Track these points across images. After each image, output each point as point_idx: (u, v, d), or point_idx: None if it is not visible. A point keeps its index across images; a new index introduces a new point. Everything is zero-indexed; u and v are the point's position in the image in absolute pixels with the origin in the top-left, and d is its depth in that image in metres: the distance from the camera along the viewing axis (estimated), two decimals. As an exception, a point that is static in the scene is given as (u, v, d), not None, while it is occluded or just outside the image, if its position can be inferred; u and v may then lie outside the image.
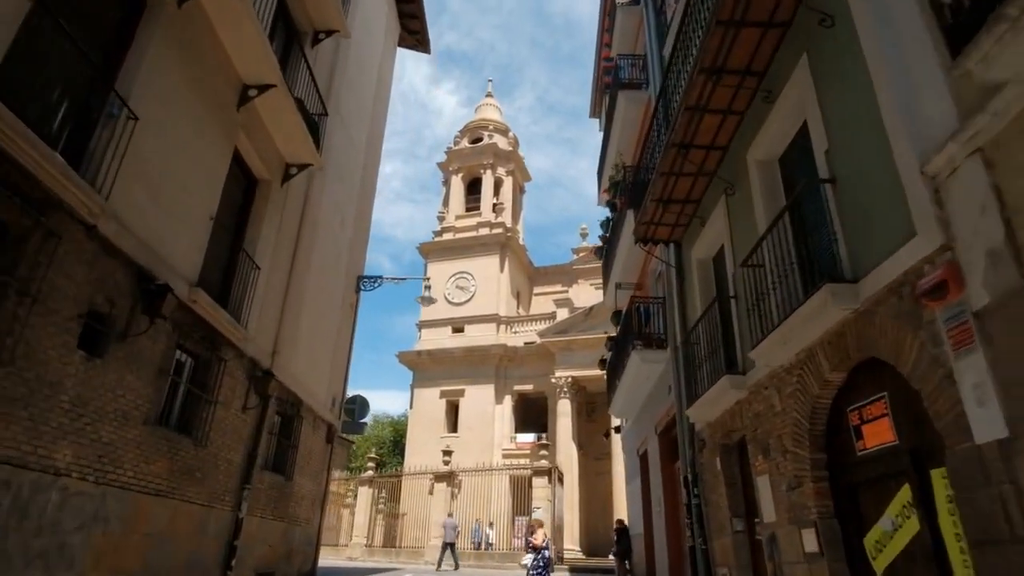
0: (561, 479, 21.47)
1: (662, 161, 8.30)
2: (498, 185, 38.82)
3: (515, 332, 35.75)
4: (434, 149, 39.80)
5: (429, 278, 14.31)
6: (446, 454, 22.98)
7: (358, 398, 13.73)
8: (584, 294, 36.96)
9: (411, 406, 36.34)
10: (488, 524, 23.24)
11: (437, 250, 37.82)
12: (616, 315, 11.71)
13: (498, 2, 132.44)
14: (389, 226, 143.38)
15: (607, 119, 14.37)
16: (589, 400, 35.61)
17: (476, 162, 38.73)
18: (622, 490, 30.89)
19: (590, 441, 34.49)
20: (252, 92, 8.65)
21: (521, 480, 22.51)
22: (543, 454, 21.08)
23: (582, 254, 39.21)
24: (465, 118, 39.22)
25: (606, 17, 17.56)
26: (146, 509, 6.93)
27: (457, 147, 39.60)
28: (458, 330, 36.24)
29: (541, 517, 19.60)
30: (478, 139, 39.71)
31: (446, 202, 39.32)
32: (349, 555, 23.39)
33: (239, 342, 8.82)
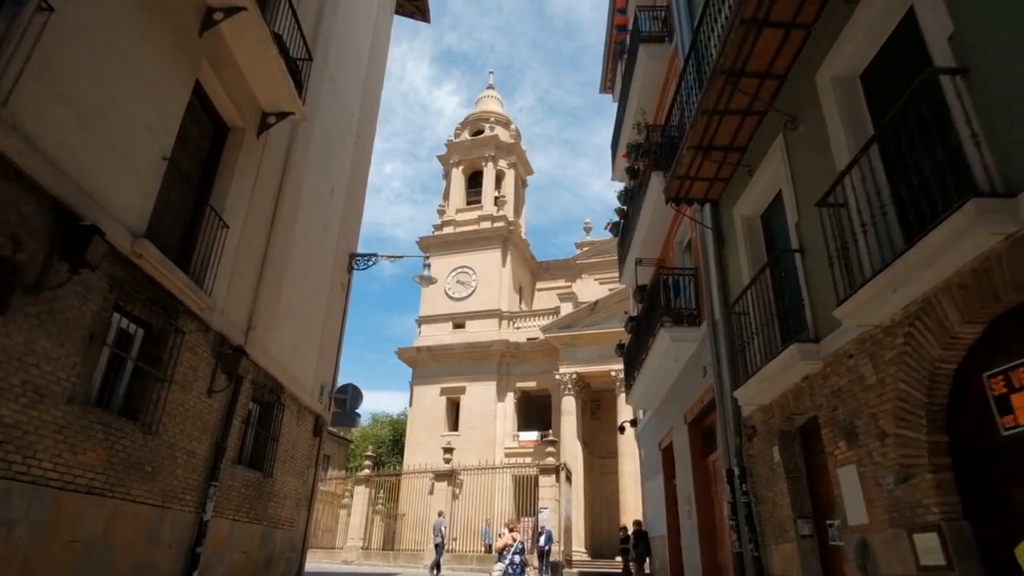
0: (569, 477, 19.94)
1: (705, 97, 6.84)
2: (500, 178, 37.36)
3: (517, 328, 34.27)
4: (435, 150, 38.79)
5: (429, 257, 12.76)
6: (447, 451, 21.46)
7: (350, 387, 12.23)
8: (588, 289, 35.48)
9: (410, 404, 34.81)
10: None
11: (437, 244, 36.33)
12: (640, 291, 10.21)
13: (499, 3, 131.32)
14: (390, 226, 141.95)
15: (625, 80, 12.90)
16: (594, 397, 34.12)
17: (477, 155, 37.28)
18: (630, 490, 29.42)
19: (595, 439, 33.00)
20: (218, 15, 7.17)
21: (526, 479, 20.98)
22: (550, 451, 19.56)
23: (586, 249, 37.75)
24: (466, 119, 37.68)
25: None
26: (71, 510, 5.42)
27: (458, 139, 38.15)
28: (459, 326, 34.74)
29: (548, 518, 18.08)
30: (479, 131, 38.27)
31: (446, 195, 37.87)
32: (344, 558, 21.85)
33: (202, 312, 7.32)
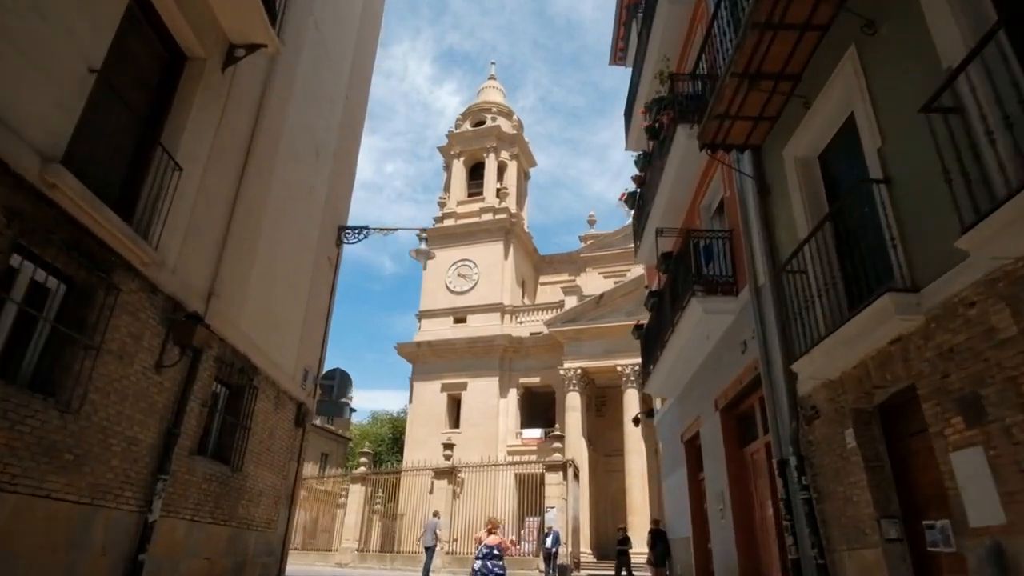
0: (577, 474, 18.55)
1: (757, 6, 5.49)
2: (501, 169, 35.99)
3: (520, 322, 32.87)
4: (436, 150, 37.54)
5: (425, 230, 11.43)
6: (447, 447, 20.06)
7: (337, 372, 10.85)
8: (593, 283, 34.07)
9: (410, 401, 33.42)
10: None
11: (438, 237, 34.81)
12: (664, 260, 8.84)
13: (500, 3, 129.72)
14: (391, 225, 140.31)
15: (642, 36, 11.52)
16: (599, 394, 32.71)
17: (479, 145, 35.91)
18: (636, 488, 27.95)
19: (600, 437, 31.58)
20: (165, -91, 5.84)
21: (530, 477, 19.56)
22: (556, 446, 18.15)
23: (590, 242, 36.39)
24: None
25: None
26: (-55, 508, 4.08)
27: (459, 130, 36.78)
28: (460, 320, 33.35)
29: (555, 518, 16.69)
30: (480, 122, 36.91)
31: (447, 187, 36.50)
32: (339, 560, 20.45)
33: (146, 269, 5.97)
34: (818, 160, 6.34)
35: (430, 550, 15.66)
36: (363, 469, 21.59)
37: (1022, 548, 3.60)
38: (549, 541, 15.72)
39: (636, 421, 16.11)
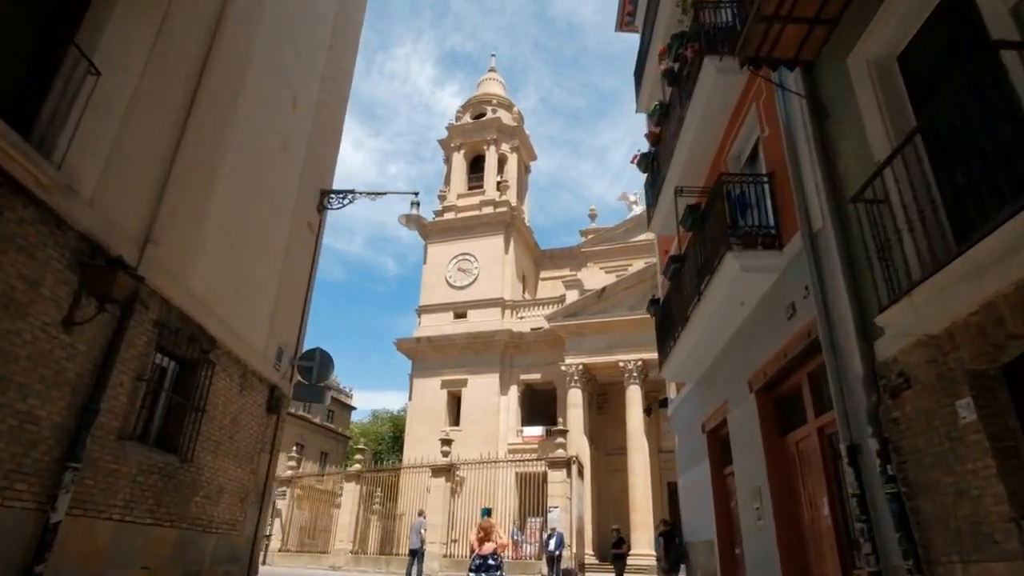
0: (581, 472, 17.07)
1: None
2: (502, 162, 34.61)
3: (521, 317, 31.42)
4: (438, 151, 36.13)
5: (417, 193, 10.03)
6: (444, 444, 18.58)
7: (317, 352, 9.38)
8: (594, 278, 32.56)
9: (410, 398, 31.96)
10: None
11: (437, 231, 33.56)
12: (690, 213, 7.39)
13: (501, 5, 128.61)
14: (394, 227, 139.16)
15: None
16: (601, 391, 31.20)
17: (479, 138, 34.54)
18: (639, 487, 26.39)
19: (602, 435, 30.05)
20: None
21: (532, 476, 18.06)
22: (559, 442, 16.67)
23: (591, 236, 34.97)
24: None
25: None
26: None
27: (459, 122, 35.42)
28: (460, 316, 31.92)
29: (559, 518, 15.22)
30: (481, 114, 35.53)
31: (447, 181, 35.12)
32: (332, 563, 18.96)
33: (47, 194, 4.54)
34: (897, 61, 4.92)
35: (415, 553, 14.11)
36: (358, 467, 20.11)
37: None
38: (552, 543, 14.26)
39: (648, 411, 14.69)
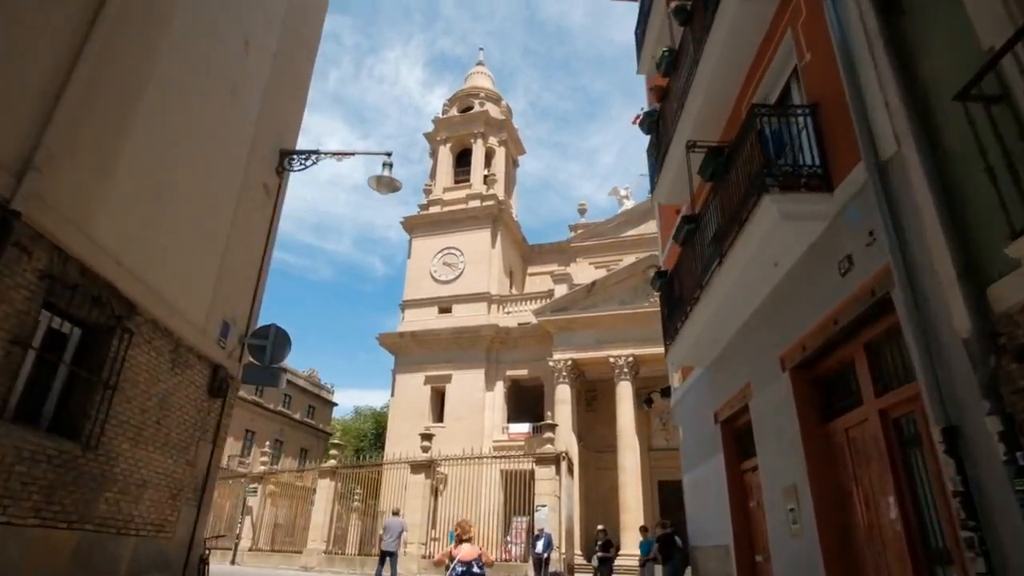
0: (571, 469, 15.70)
1: None
2: (489, 156, 33.25)
3: (508, 312, 30.04)
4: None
5: (390, 153, 8.63)
6: (425, 438, 17.13)
7: (272, 329, 7.87)
8: (583, 274, 31.25)
9: (392, 394, 30.43)
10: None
11: (423, 224, 32.12)
12: (712, 158, 6.06)
13: (491, 9, 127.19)
14: (382, 227, 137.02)
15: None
16: (589, 388, 29.91)
17: (466, 131, 33.15)
18: (630, 487, 25.01)
19: (591, 432, 28.75)
20: None
21: (518, 473, 16.62)
22: (548, 436, 15.29)
23: (580, 231, 33.70)
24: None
25: None
26: None
27: (446, 115, 34.03)
28: (445, 310, 30.47)
29: (547, 517, 13.85)
30: (468, 108, 34.17)
31: (433, 174, 33.68)
32: (304, 563, 17.41)
33: None
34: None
35: (388, 556, 12.63)
36: (333, 462, 18.57)
37: None
38: (540, 545, 12.88)
39: (649, 402, 13.36)
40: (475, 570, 5.84)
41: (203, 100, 6.86)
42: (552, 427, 15.79)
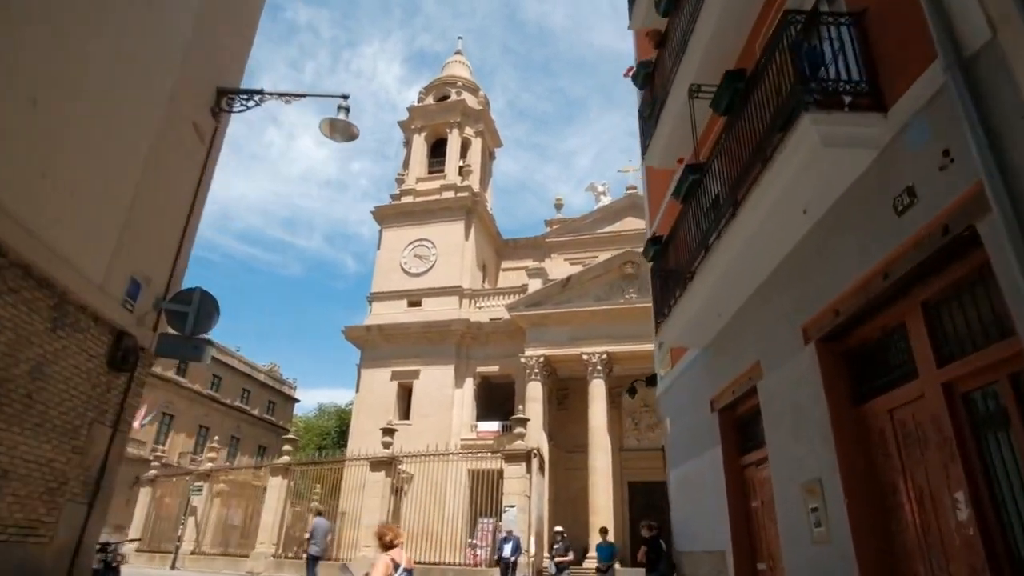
0: (543, 467, 14.56)
1: None
2: (465, 147, 32.03)
3: (480, 307, 28.84)
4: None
5: (347, 96, 7.38)
6: (387, 433, 15.79)
7: (197, 292, 6.45)
8: (558, 270, 30.22)
9: (357, 390, 28.93)
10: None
11: (394, 215, 30.74)
12: (729, 84, 4.98)
13: (472, 7, 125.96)
14: (355, 224, 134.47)
15: None
16: (561, 386, 28.85)
17: (442, 120, 31.88)
18: (601, 487, 23.88)
19: (561, 431, 27.71)
20: None
21: (487, 474, 15.36)
22: (519, 431, 14.13)
23: (556, 227, 32.72)
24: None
25: None
26: None
27: (421, 104, 32.72)
28: (415, 304, 29.12)
29: (516, 519, 12.69)
30: (444, 96, 32.92)
31: (406, 164, 32.30)
32: (250, 568, 15.89)
33: None
34: None
35: (314, 560, 11.40)
36: (286, 459, 17.09)
37: None
38: (508, 548, 11.71)
39: (632, 391, 12.30)
40: None
41: (103, 8, 5.52)
42: (524, 421, 14.61)
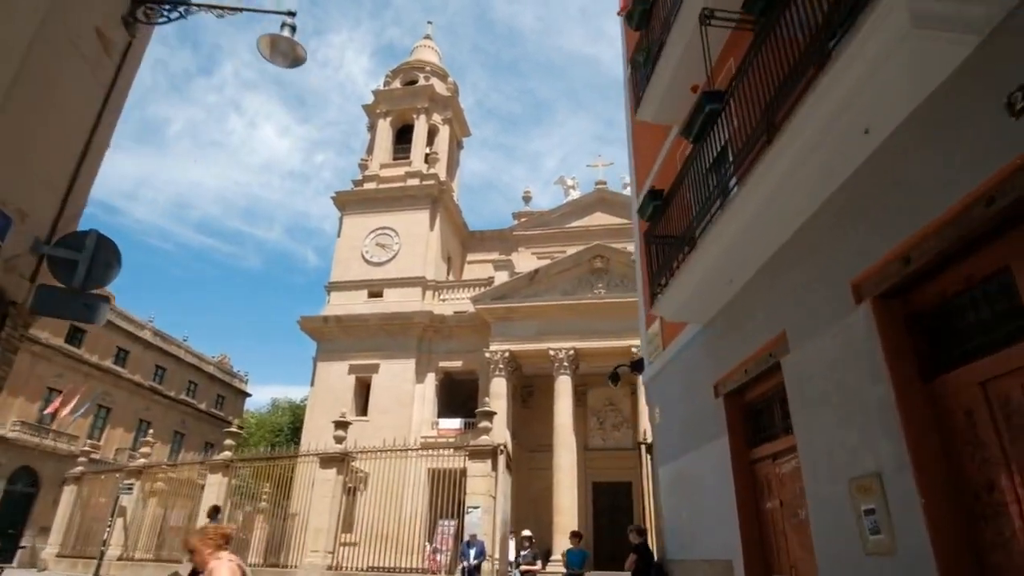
0: (509, 465, 13.41)
1: None
2: (432, 134, 30.72)
3: (443, 299, 27.56)
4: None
5: (294, 14, 6.11)
6: (339, 427, 14.37)
7: (92, 235, 5.10)
8: (525, 264, 29.15)
9: (312, 384, 27.25)
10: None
11: (356, 201, 29.20)
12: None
13: (443, 3, 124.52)
14: (318, 219, 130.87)
15: None
16: (526, 383, 27.85)
17: (408, 106, 30.51)
18: (566, 486, 22.75)
19: (525, 429, 26.68)
20: None
21: (448, 473, 14.07)
22: (484, 425, 12.94)
23: (523, 220, 31.69)
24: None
25: None
26: None
27: (387, 87, 31.28)
28: (375, 295, 27.65)
29: (479, 521, 11.52)
30: (412, 81, 31.57)
31: (370, 150, 30.79)
32: (177, 572, 14.22)
33: None
34: None
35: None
36: (227, 454, 15.47)
37: None
38: (472, 554, 10.53)
39: (615, 377, 11.24)
40: None
41: None
42: (490, 415, 13.44)
